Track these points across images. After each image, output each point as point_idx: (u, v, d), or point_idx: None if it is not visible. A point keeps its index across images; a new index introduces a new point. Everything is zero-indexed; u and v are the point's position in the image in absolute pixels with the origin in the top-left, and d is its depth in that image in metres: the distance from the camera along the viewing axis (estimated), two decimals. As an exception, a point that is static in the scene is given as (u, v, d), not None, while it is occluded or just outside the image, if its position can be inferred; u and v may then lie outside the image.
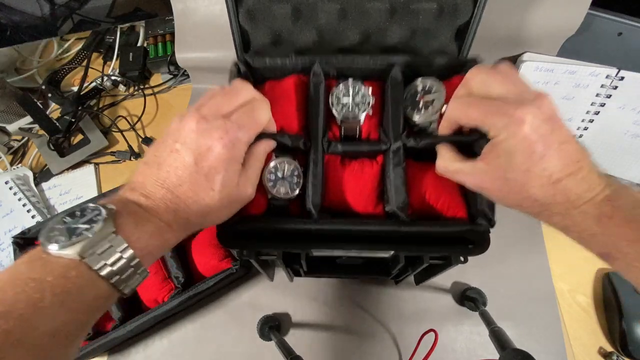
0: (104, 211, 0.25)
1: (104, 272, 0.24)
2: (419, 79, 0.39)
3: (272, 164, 0.37)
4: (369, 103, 0.38)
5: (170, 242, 0.29)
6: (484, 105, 0.30)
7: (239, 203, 0.33)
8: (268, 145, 0.36)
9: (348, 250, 0.38)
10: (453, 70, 0.40)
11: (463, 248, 0.37)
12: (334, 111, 0.39)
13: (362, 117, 0.38)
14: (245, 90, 0.34)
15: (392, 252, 0.38)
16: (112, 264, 0.24)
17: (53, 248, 0.23)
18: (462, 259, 0.37)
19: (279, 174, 0.36)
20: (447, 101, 0.37)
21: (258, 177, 0.35)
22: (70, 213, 0.26)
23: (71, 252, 0.23)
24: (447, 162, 0.34)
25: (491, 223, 0.34)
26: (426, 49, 0.44)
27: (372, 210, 0.38)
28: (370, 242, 0.38)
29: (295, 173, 0.36)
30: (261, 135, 0.35)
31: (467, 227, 0.35)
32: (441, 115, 0.37)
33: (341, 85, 0.39)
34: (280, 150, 0.38)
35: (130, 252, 0.25)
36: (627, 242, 0.26)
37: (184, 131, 0.30)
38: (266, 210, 0.38)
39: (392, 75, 0.39)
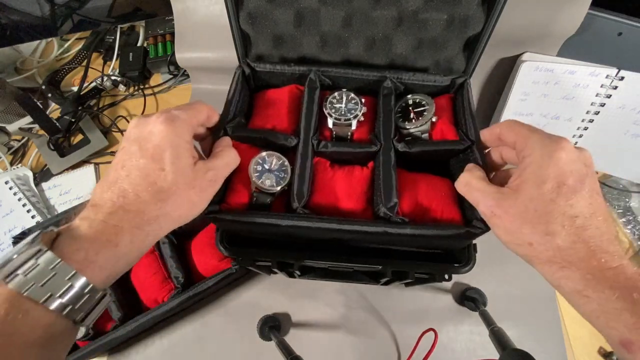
0: (32, 235, 0.23)
1: (52, 306, 0.22)
2: (410, 95, 0.41)
3: (261, 154, 0.37)
4: (360, 109, 0.40)
5: (123, 246, 0.26)
6: (532, 127, 0.29)
7: (202, 190, 0.30)
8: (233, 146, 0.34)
9: (339, 263, 0.39)
10: (443, 89, 0.43)
11: (448, 266, 0.38)
12: (327, 114, 0.40)
13: (354, 122, 0.39)
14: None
15: (379, 267, 0.39)
16: (61, 295, 0.23)
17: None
18: (446, 276, 0.38)
19: (267, 166, 0.36)
20: (436, 114, 0.40)
21: (225, 170, 0.32)
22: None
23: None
24: (473, 178, 0.31)
25: (488, 227, 0.33)
26: (433, 59, 0.44)
27: (360, 213, 0.37)
28: (360, 250, 0.38)
29: (283, 168, 0.36)
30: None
31: (464, 230, 0.33)
32: (432, 125, 0.39)
33: (336, 93, 0.41)
34: (270, 147, 0.38)
35: (82, 279, 0.23)
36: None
37: (128, 131, 0.29)
38: (247, 206, 0.37)
39: (384, 85, 0.42)
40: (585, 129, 0.57)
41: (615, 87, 0.53)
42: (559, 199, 0.25)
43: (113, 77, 0.76)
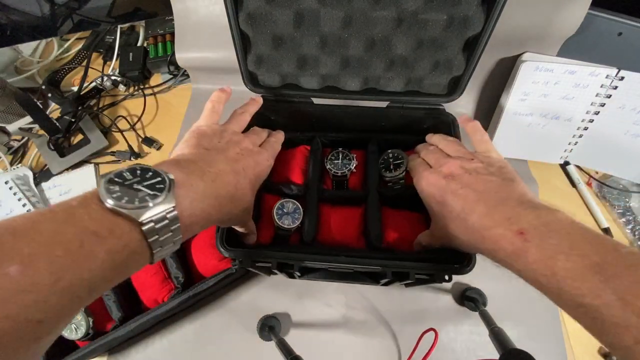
0: (167, 181, 0.26)
1: (145, 228, 0.24)
2: (390, 150, 0.52)
3: (281, 201, 0.47)
4: (353, 164, 0.51)
5: (212, 218, 0.31)
6: (414, 168, 0.43)
7: (241, 210, 0.37)
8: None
9: (338, 264, 0.40)
10: (415, 143, 0.51)
11: (448, 267, 0.39)
12: (327, 169, 0.51)
13: (348, 173, 0.51)
14: (265, 132, 0.47)
15: (379, 268, 0.40)
16: (156, 222, 0.25)
17: (111, 203, 0.23)
18: (446, 277, 0.39)
19: (285, 210, 0.47)
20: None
21: (242, 222, 0.40)
22: (131, 169, 0.26)
23: (131, 215, 0.24)
24: (425, 239, 0.41)
25: (453, 252, 0.40)
26: (433, 59, 0.44)
27: (355, 243, 0.48)
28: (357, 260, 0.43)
29: (297, 211, 0.47)
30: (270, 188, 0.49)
31: (433, 255, 0.41)
32: (407, 173, 0.49)
33: (334, 152, 0.53)
34: (286, 196, 0.49)
35: (178, 224, 0.26)
36: (544, 277, 0.26)
37: (243, 144, 0.39)
38: (272, 239, 0.47)
39: (369, 145, 0.53)
40: (585, 129, 0.57)
41: (615, 87, 0.53)
42: (441, 212, 0.36)
43: (113, 77, 0.76)
